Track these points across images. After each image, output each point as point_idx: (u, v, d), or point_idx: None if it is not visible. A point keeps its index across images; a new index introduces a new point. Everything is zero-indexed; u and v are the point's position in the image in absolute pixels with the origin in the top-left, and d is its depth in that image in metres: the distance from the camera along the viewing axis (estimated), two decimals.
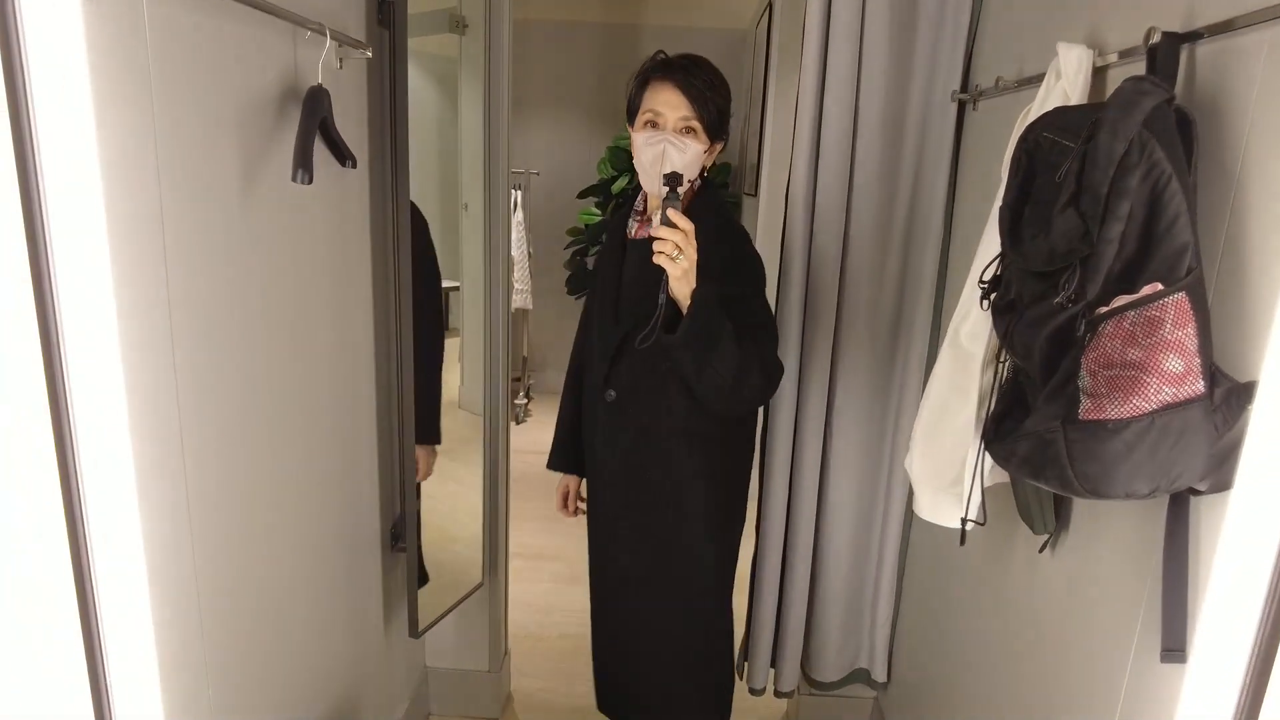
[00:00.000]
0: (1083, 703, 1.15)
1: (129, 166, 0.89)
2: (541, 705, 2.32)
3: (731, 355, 1.34)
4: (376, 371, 1.69)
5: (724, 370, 1.35)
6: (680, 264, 1.27)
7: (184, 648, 1.06)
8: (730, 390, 1.38)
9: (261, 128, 1.18)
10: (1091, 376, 0.91)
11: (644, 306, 1.43)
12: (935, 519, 1.33)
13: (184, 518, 1.04)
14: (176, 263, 0.99)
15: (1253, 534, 0.84)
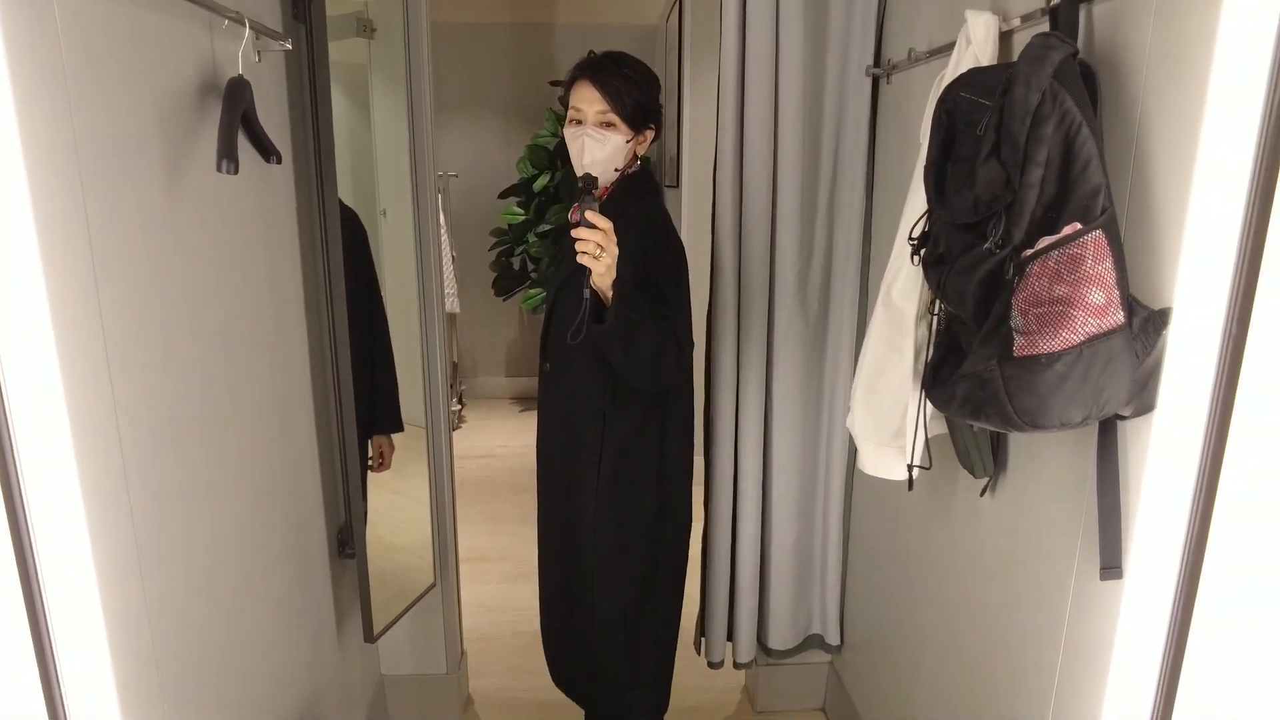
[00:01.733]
0: (1031, 630, 1.22)
1: (52, 163, 0.85)
2: (501, 704, 2.31)
3: (651, 338, 1.44)
4: (312, 373, 1.65)
5: (645, 353, 1.44)
6: (603, 261, 1.34)
7: (136, 667, 1.01)
8: (650, 369, 1.48)
9: (182, 122, 1.15)
10: (1023, 315, 0.97)
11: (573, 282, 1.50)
12: (879, 472, 1.38)
13: (128, 531, 1.00)
14: (104, 262, 0.95)
15: (1175, 450, 0.91)
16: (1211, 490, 0.86)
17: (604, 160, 1.53)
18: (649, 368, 1.47)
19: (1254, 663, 0.88)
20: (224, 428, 1.28)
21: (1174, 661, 0.92)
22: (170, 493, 1.10)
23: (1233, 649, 0.89)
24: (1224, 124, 0.85)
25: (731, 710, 2.27)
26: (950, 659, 1.51)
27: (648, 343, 1.43)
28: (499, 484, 3.98)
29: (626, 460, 1.59)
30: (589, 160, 1.52)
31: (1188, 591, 0.91)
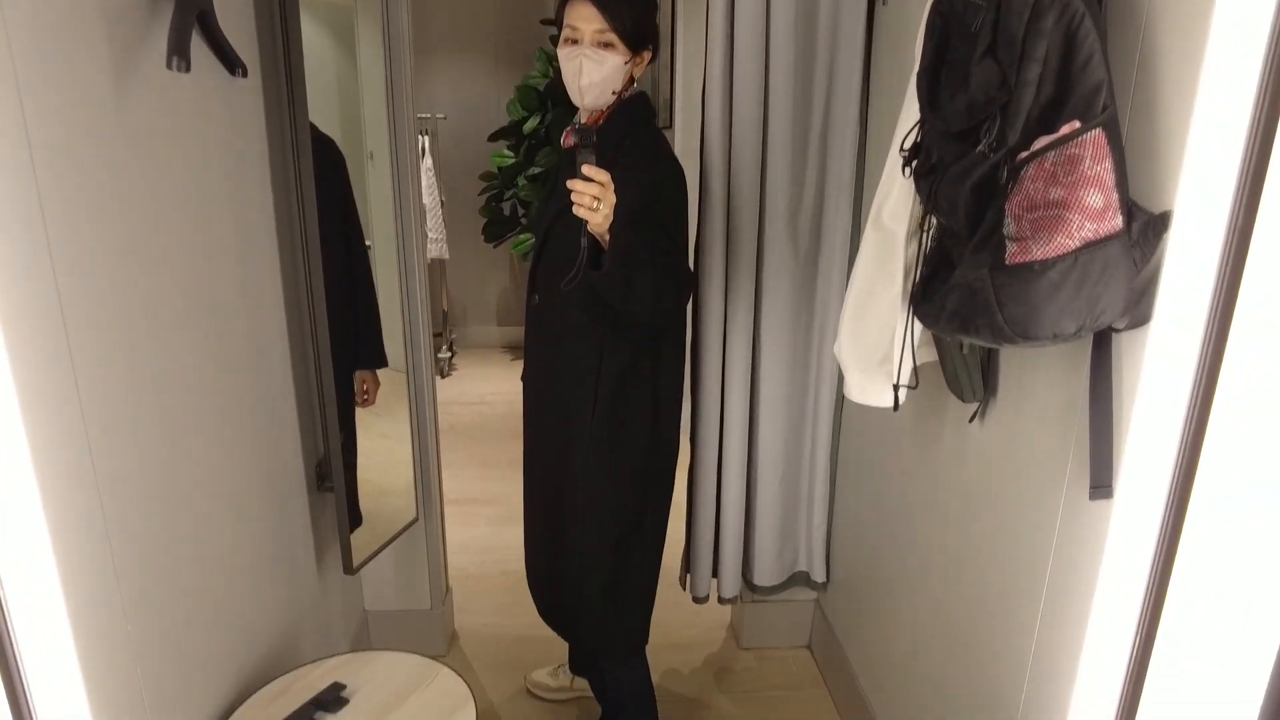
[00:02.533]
0: (1018, 555, 1.20)
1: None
2: (487, 639, 2.31)
3: (650, 278, 1.39)
4: (286, 304, 1.61)
5: (644, 293, 1.39)
6: (600, 213, 1.28)
7: (101, 603, 0.99)
8: (649, 308, 1.43)
9: (134, 22, 1.08)
10: (1016, 221, 0.92)
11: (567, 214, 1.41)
12: (865, 400, 1.35)
13: (87, 465, 0.96)
14: (48, 170, 0.90)
15: (1173, 359, 0.87)
16: (1207, 402, 0.83)
17: (601, 82, 1.46)
18: (648, 306, 1.42)
19: (1239, 578, 0.86)
20: (193, 361, 1.23)
21: (1160, 579, 0.90)
22: (126, 420, 1.06)
23: (1219, 564, 0.86)
24: (1234, 17, 0.79)
25: (717, 647, 2.28)
26: (937, 590, 1.49)
27: (647, 283, 1.38)
28: (489, 430, 3.96)
29: (622, 393, 1.55)
30: (586, 82, 1.45)
31: (1178, 507, 0.88)
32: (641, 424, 1.58)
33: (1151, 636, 0.92)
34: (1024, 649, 1.18)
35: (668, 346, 1.59)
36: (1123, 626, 0.94)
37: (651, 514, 1.64)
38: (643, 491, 1.61)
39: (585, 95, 1.47)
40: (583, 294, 1.45)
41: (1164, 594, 0.89)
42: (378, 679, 1.39)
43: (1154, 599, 0.89)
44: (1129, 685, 0.94)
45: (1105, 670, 0.96)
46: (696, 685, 2.12)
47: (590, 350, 1.53)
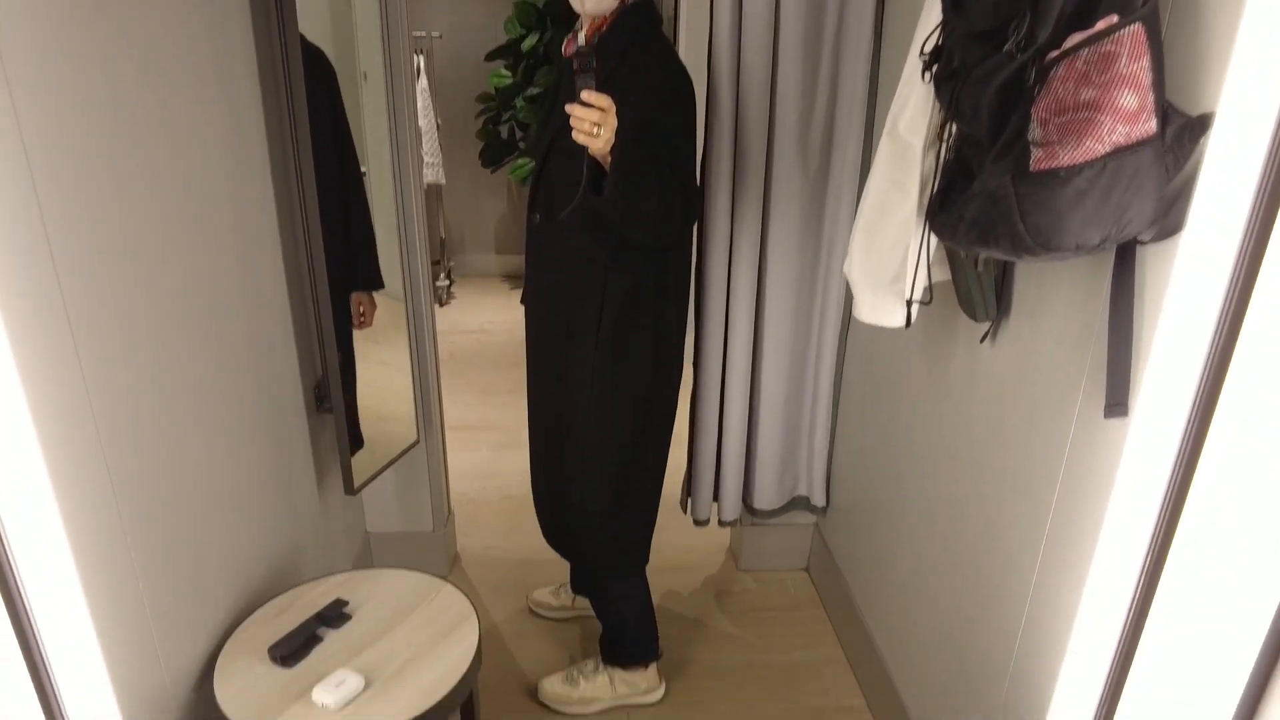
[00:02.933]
0: (1026, 475, 1.19)
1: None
2: (489, 560, 2.33)
3: (654, 200, 1.34)
4: (279, 222, 1.56)
5: (648, 216, 1.35)
6: (601, 138, 1.23)
7: (98, 525, 0.97)
8: (655, 230, 1.39)
9: None
10: (1042, 126, 0.87)
11: (565, 136, 1.35)
12: (876, 320, 1.32)
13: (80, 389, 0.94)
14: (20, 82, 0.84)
15: (1205, 271, 0.84)
16: (1240, 313, 0.79)
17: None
18: (653, 229, 1.38)
19: (1259, 497, 0.84)
20: (187, 281, 1.19)
21: (1176, 499, 0.88)
22: (119, 340, 1.03)
23: (1239, 485, 0.84)
24: None
25: (716, 569, 2.30)
26: (939, 512, 1.49)
27: (652, 205, 1.34)
28: (488, 358, 3.94)
29: (626, 319, 1.51)
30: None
31: (1200, 425, 0.86)
32: (645, 350, 1.55)
33: (1162, 557, 0.90)
34: (1027, 569, 1.18)
35: (672, 269, 1.55)
36: (1133, 546, 0.93)
37: (654, 438, 1.63)
38: (645, 416, 1.60)
39: (586, 0, 1.39)
40: (585, 215, 1.41)
41: (1179, 514, 0.88)
42: (380, 595, 1.40)
43: (1168, 518, 0.88)
44: (1134, 609, 0.93)
45: (1111, 592, 0.96)
46: (696, 605, 2.15)
47: (594, 275, 1.49)
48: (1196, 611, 0.88)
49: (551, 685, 1.81)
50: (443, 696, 1.19)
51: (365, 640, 1.30)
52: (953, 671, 1.43)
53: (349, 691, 1.18)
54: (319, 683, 1.19)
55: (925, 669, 1.54)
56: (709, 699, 1.83)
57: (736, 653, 1.98)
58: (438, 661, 1.25)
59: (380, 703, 1.17)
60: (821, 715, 1.79)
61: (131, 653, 1.06)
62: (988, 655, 1.30)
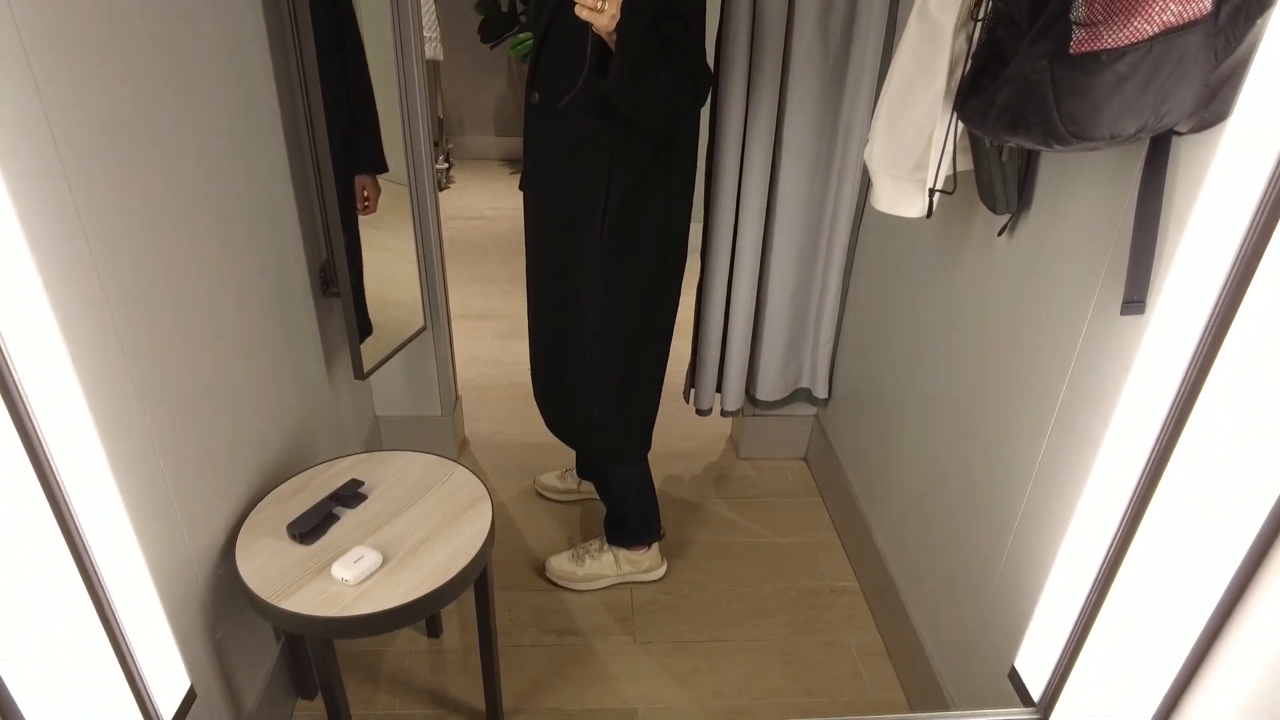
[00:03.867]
0: (1034, 368, 1.19)
1: None
2: (496, 444, 2.38)
3: (662, 82, 1.30)
4: (280, 104, 1.50)
5: (655, 97, 1.31)
6: (605, 14, 1.18)
7: (119, 407, 0.98)
8: (661, 114, 1.37)
9: None
10: (1088, 3, 0.83)
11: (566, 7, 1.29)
12: (894, 209, 1.29)
13: (92, 274, 0.92)
14: None
15: (1244, 167, 0.81)
16: (1273, 219, 0.77)
17: None
18: (660, 113, 1.35)
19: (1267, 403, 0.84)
20: (183, 159, 1.15)
21: (1187, 400, 0.88)
22: (123, 225, 1.00)
23: (1252, 387, 0.84)
24: None
25: (717, 456, 2.35)
26: (942, 405, 1.51)
27: (659, 86, 1.30)
28: (490, 247, 3.90)
29: (633, 205, 1.48)
30: None
31: (1218, 330, 0.85)
32: (651, 236, 1.52)
33: (1165, 457, 0.92)
34: (1028, 462, 1.20)
35: (680, 153, 1.50)
36: (1138, 446, 0.94)
37: (657, 326, 1.63)
38: (649, 304, 1.59)
39: None
40: (589, 98, 1.35)
41: (1187, 415, 0.88)
42: (394, 476, 1.43)
43: (1176, 419, 0.88)
44: (1132, 507, 0.95)
45: (1114, 484, 0.98)
46: (696, 490, 2.21)
47: (599, 159, 1.44)
48: (1192, 510, 0.90)
49: (559, 563, 1.88)
50: (458, 572, 1.23)
51: (381, 519, 1.33)
52: (946, 558, 1.48)
53: (367, 566, 1.22)
54: (337, 558, 1.23)
55: (919, 554, 1.60)
56: (708, 578, 1.91)
57: (735, 535, 2.05)
58: (452, 539, 1.29)
59: (397, 577, 1.22)
60: (816, 595, 1.87)
61: (157, 527, 1.09)
62: (983, 543, 1.34)
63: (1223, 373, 0.82)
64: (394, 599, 1.18)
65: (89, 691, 0.92)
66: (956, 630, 1.45)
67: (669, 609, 1.83)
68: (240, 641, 1.38)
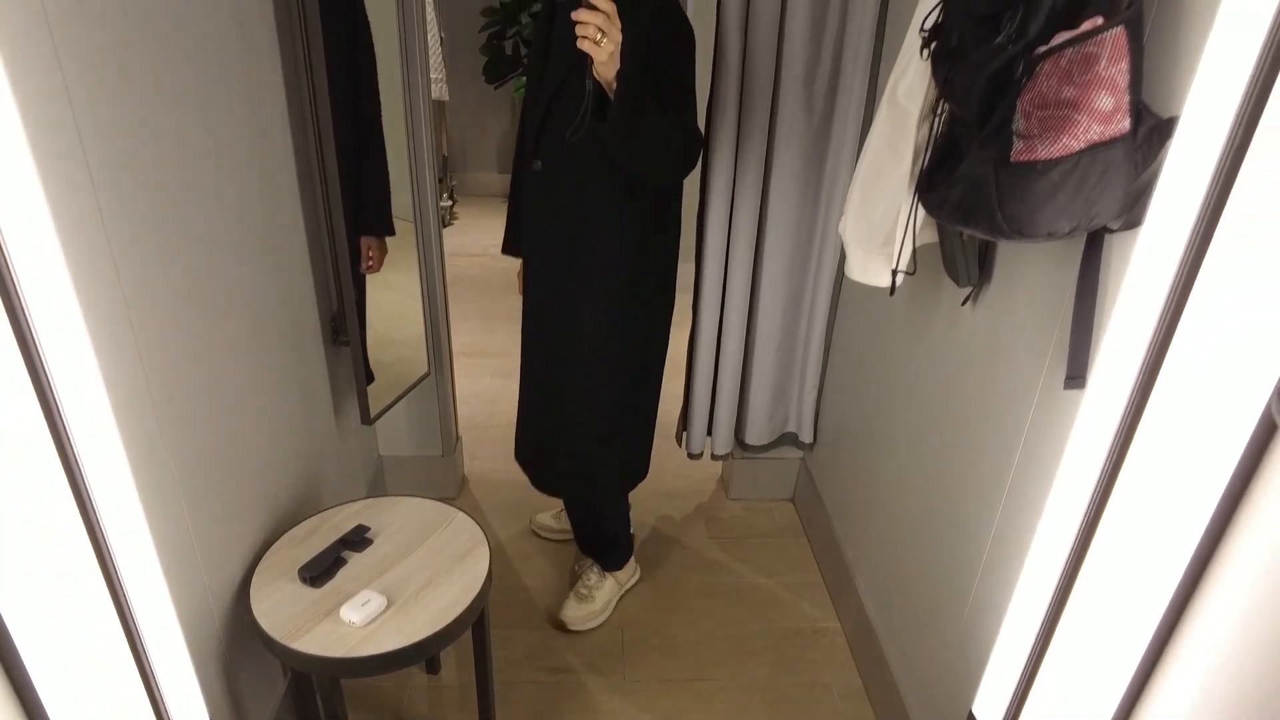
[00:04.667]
0: (994, 432, 1.29)
1: None
2: (495, 484, 2.46)
3: (659, 130, 1.39)
4: (296, 158, 1.60)
5: (654, 146, 1.41)
6: (605, 48, 1.27)
7: (148, 452, 1.07)
8: (658, 165, 1.46)
9: None
10: (1025, 118, 0.93)
11: (572, 75, 1.44)
12: (865, 279, 1.39)
13: (125, 328, 1.02)
14: (68, 38, 0.89)
15: (1155, 264, 0.91)
16: (1179, 308, 0.87)
17: None
18: (657, 163, 1.44)
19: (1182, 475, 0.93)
20: (211, 220, 1.25)
21: (1113, 469, 0.97)
22: (159, 283, 1.10)
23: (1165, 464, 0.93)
24: None
25: (707, 497, 2.44)
26: (914, 454, 1.60)
27: (656, 136, 1.39)
28: (492, 284, 4.01)
29: (642, 255, 1.59)
30: None
31: (1138, 403, 0.94)
32: (655, 279, 1.65)
33: (1098, 516, 1.00)
34: (989, 517, 1.29)
35: (674, 204, 1.64)
36: (1075, 505, 1.03)
37: (655, 360, 1.75)
38: (649, 340, 1.71)
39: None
40: (592, 156, 1.47)
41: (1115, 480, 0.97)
42: (398, 522, 1.52)
43: (1106, 483, 0.97)
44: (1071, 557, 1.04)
45: (1054, 543, 1.06)
46: (686, 530, 2.29)
47: (608, 219, 1.55)
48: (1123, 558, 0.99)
49: (574, 611, 1.94)
50: (457, 615, 1.31)
51: (386, 563, 1.42)
52: (918, 602, 1.56)
53: (373, 610, 1.30)
54: (346, 601, 1.31)
55: (895, 598, 1.69)
56: (697, 618, 1.99)
57: (723, 575, 2.13)
58: (453, 584, 1.37)
59: (402, 620, 1.30)
60: (800, 636, 1.95)
61: (179, 566, 1.18)
62: (951, 589, 1.43)
63: (1142, 444, 0.91)
64: (398, 641, 1.26)
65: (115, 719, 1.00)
66: (926, 673, 1.53)
67: (659, 649, 1.91)
68: (250, 675, 1.46)
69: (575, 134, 1.35)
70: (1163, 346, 0.87)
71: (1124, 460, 0.94)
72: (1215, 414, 0.86)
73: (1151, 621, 0.98)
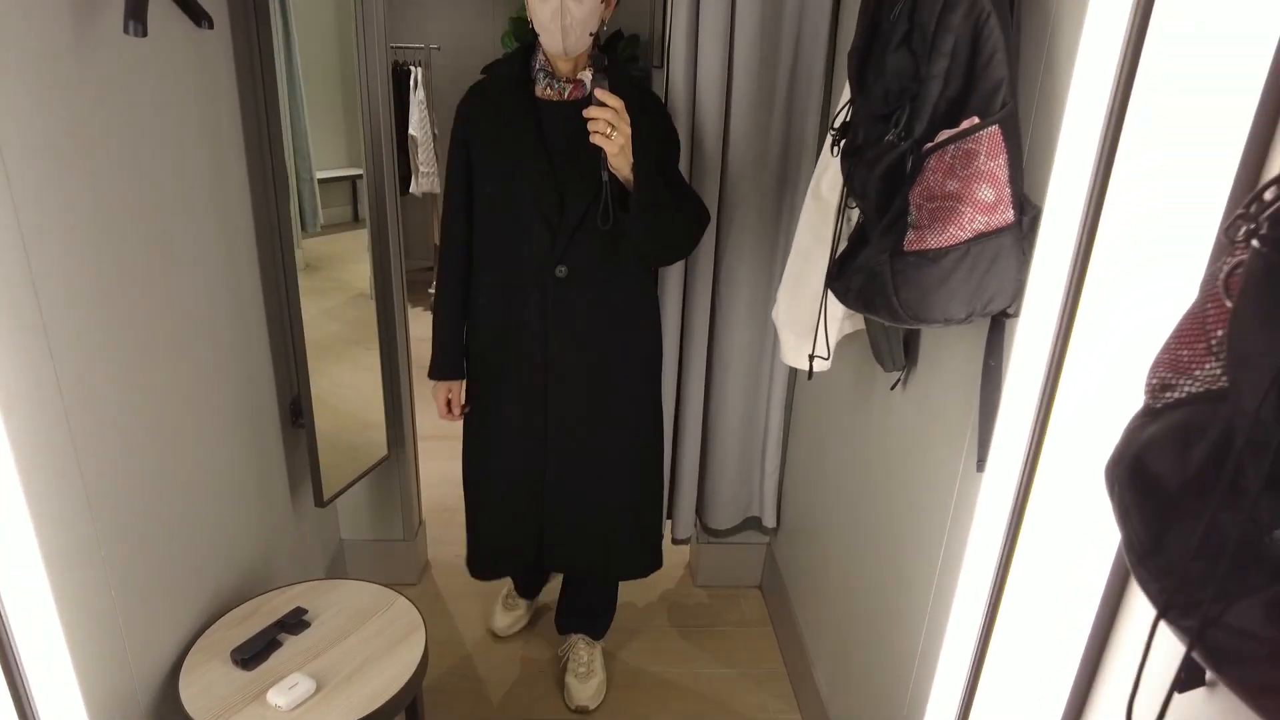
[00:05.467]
0: (925, 511, 1.29)
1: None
2: (459, 570, 2.43)
3: (675, 215, 1.52)
4: (259, 247, 1.66)
5: (671, 229, 1.54)
6: (616, 141, 1.36)
7: (73, 536, 1.08)
8: (674, 245, 1.61)
9: None
10: (917, 210, 0.98)
11: (589, 180, 1.49)
12: (796, 363, 1.42)
13: (54, 395, 1.04)
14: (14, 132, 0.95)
15: (1031, 348, 0.94)
16: (1051, 391, 0.89)
17: (582, 22, 1.44)
18: (678, 244, 1.58)
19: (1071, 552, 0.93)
20: (164, 299, 1.30)
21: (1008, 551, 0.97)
22: (95, 350, 1.13)
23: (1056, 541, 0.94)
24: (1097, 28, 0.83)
25: (674, 584, 2.40)
26: (858, 538, 1.59)
27: (674, 221, 1.52)
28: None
29: (652, 330, 1.74)
30: (568, 21, 1.43)
31: (1025, 487, 0.95)
32: (657, 356, 1.78)
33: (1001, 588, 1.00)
34: (924, 593, 1.28)
35: (655, 293, 1.78)
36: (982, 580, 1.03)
37: (660, 435, 1.83)
38: (657, 416, 1.81)
39: (567, 37, 1.45)
40: (612, 259, 1.58)
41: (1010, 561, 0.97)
42: (338, 605, 1.51)
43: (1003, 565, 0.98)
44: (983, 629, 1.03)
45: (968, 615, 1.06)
46: (650, 618, 2.25)
47: (636, 321, 1.68)
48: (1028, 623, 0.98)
49: (583, 690, 1.91)
50: (387, 699, 1.29)
51: (321, 646, 1.40)
52: (868, 691, 1.53)
53: (301, 694, 1.28)
54: (274, 685, 1.30)
55: (848, 684, 1.65)
56: (653, 710, 1.94)
57: (685, 665, 2.08)
58: (387, 668, 1.36)
59: (329, 704, 1.28)
60: None
61: (101, 657, 1.17)
62: (893, 675, 1.40)
63: (1032, 523, 0.92)
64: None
65: None
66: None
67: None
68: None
69: (605, 222, 1.44)
70: (1043, 423, 0.89)
71: (1017, 540, 0.95)
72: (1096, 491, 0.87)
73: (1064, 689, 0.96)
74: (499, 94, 1.61)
